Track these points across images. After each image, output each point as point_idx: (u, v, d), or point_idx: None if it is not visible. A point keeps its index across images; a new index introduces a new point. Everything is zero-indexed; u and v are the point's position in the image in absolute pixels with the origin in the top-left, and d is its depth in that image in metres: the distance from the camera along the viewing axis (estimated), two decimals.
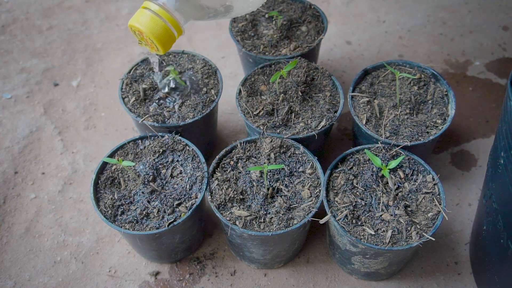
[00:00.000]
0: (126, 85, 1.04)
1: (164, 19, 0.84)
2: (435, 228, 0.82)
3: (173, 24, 0.85)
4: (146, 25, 0.84)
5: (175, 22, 0.85)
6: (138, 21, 0.84)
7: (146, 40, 0.87)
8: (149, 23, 0.84)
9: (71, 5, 1.54)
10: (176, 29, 0.86)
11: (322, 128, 0.95)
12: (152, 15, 0.84)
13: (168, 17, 0.84)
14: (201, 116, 0.98)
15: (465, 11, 1.48)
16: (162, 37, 0.85)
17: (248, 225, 0.84)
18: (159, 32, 0.84)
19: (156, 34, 0.84)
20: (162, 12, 0.84)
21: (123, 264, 1.00)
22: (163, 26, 0.84)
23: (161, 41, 0.85)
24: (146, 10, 0.85)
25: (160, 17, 0.84)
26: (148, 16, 0.84)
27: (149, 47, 0.89)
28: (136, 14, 0.86)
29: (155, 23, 0.84)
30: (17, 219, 1.07)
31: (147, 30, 0.84)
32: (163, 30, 0.85)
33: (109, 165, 0.93)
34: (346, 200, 0.85)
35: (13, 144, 1.19)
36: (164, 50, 0.87)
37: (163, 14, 0.84)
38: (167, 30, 0.85)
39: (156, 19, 0.84)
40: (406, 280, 0.97)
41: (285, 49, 1.10)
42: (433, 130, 0.95)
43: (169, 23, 0.85)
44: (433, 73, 1.02)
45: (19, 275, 0.99)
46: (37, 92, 1.31)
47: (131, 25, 0.86)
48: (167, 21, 0.85)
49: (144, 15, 0.84)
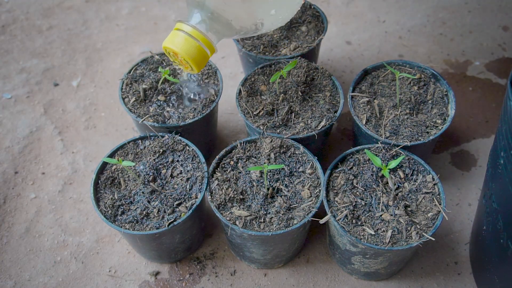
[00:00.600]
0: (126, 85, 1.04)
1: (198, 40, 0.86)
2: (435, 228, 0.82)
3: (206, 44, 0.87)
4: (181, 47, 0.85)
5: (208, 42, 0.87)
6: (173, 43, 0.86)
7: (181, 60, 0.88)
8: (184, 44, 0.85)
9: (71, 5, 1.54)
10: (209, 48, 0.88)
11: (322, 128, 0.95)
12: (186, 37, 0.85)
13: (202, 37, 0.86)
14: (201, 116, 0.98)
15: (465, 11, 1.48)
16: (197, 58, 0.87)
17: (248, 225, 0.84)
18: (194, 53, 0.86)
19: (191, 55, 0.86)
20: (195, 33, 0.86)
21: (123, 264, 1.00)
22: (197, 47, 0.86)
23: (196, 61, 0.87)
24: (180, 32, 0.86)
25: (194, 38, 0.85)
26: (182, 38, 0.85)
27: (183, 66, 0.91)
28: (170, 35, 0.87)
29: (190, 44, 0.86)
30: (17, 219, 1.07)
31: (182, 52, 0.85)
32: (197, 51, 0.86)
33: (109, 165, 0.93)
34: (346, 200, 0.85)
35: (13, 144, 1.19)
36: (199, 70, 0.89)
37: (197, 35, 0.86)
38: (201, 51, 0.87)
39: (190, 40, 0.85)
40: (406, 280, 0.97)
41: (285, 49, 1.10)
42: (433, 130, 0.95)
43: (203, 43, 0.86)
44: (433, 73, 1.02)
45: (19, 275, 0.99)
46: (37, 92, 1.31)
47: (166, 47, 0.87)
48: (200, 41, 0.86)
49: (179, 36, 0.86)
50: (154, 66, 1.07)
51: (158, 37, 1.45)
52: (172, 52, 0.88)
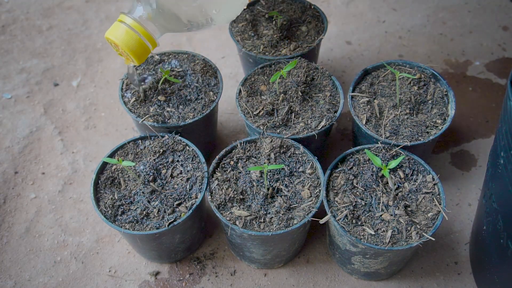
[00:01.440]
0: (126, 85, 1.04)
1: (139, 32, 0.87)
2: (435, 228, 0.82)
3: (147, 38, 0.88)
4: (121, 39, 0.87)
5: (149, 36, 0.88)
6: (114, 35, 0.87)
7: (122, 52, 0.90)
8: (124, 36, 0.87)
9: (71, 5, 1.54)
10: (150, 42, 0.89)
11: (322, 128, 0.95)
12: (127, 29, 0.87)
13: (142, 30, 0.87)
14: (201, 116, 0.98)
15: (465, 11, 1.48)
16: (137, 50, 0.88)
17: (248, 225, 0.84)
18: (134, 45, 0.87)
19: (130, 47, 0.87)
20: (137, 26, 0.87)
21: (123, 264, 1.00)
22: (137, 40, 0.87)
23: (135, 54, 0.88)
24: (122, 24, 0.88)
25: (135, 31, 0.87)
26: (123, 30, 0.87)
27: (125, 58, 0.92)
28: (112, 27, 0.89)
29: (130, 37, 0.87)
30: (17, 219, 1.07)
31: (122, 43, 0.87)
32: (137, 44, 0.88)
33: (109, 165, 0.93)
34: (346, 200, 0.85)
35: (13, 144, 1.19)
36: (139, 62, 0.90)
37: (138, 28, 0.87)
38: (141, 44, 0.88)
39: (131, 33, 0.87)
40: (406, 280, 0.97)
41: (285, 49, 1.10)
42: (433, 130, 0.95)
43: (143, 36, 0.88)
44: (433, 73, 1.02)
45: (19, 275, 0.99)
46: (37, 92, 1.31)
47: (107, 38, 0.89)
48: (141, 34, 0.87)
49: (120, 28, 0.87)
50: (154, 66, 1.07)
51: None
52: (113, 44, 0.89)
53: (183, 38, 1.44)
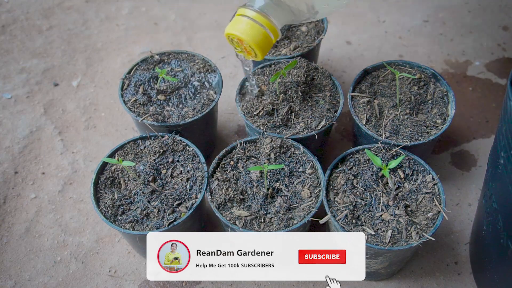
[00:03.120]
0: (126, 85, 1.04)
1: (263, 24, 0.83)
2: (435, 228, 0.82)
3: (271, 29, 0.84)
4: (246, 33, 0.82)
5: (273, 27, 0.84)
6: (237, 29, 0.83)
7: (245, 47, 0.86)
8: (249, 30, 0.82)
9: (71, 5, 1.54)
10: (273, 33, 0.85)
11: (322, 128, 0.95)
12: (251, 22, 0.82)
13: (266, 22, 0.83)
14: (200, 115, 0.98)
15: (465, 11, 1.48)
16: (262, 43, 0.84)
17: (248, 225, 0.84)
18: (259, 38, 0.83)
19: (256, 40, 0.83)
20: (260, 17, 0.83)
21: (123, 264, 1.00)
22: (262, 32, 0.83)
23: (261, 47, 0.84)
24: (243, 17, 0.83)
25: (258, 23, 0.83)
26: (246, 23, 0.82)
27: (245, 53, 0.88)
28: (234, 22, 0.84)
29: (255, 29, 0.83)
30: (17, 219, 1.07)
31: (248, 37, 0.82)
32: (263, 37, 0.83)
33: (109, 165, 0.93)
34: (346, 200, 0.85)
35: (13, 144, 1.19)
36: (263, 56, 0.86)
37: (261, 20, 0.83)
38: (266, 36, 0.84)
39: (255, 25, 0.82)
40: (406, 280, 0.97)
41: (285, 49, 1.10)
42: (433, 130, 0.95)
43: (267, 28, 0.83)
44: (433, 73, 1.02)
45: (19, 275, 0.99)
46: (37, 92, 1.31)
47: (229, 34, 0.84)
48: (265, 26, 0.83)
49: (242, 22, 0.83)
50: (154, 66, 1.07)
51: (158, 37, 1.45)
52: (236, 39, 0.84)
53: (183, 38, 1.44)
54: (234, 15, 0.87)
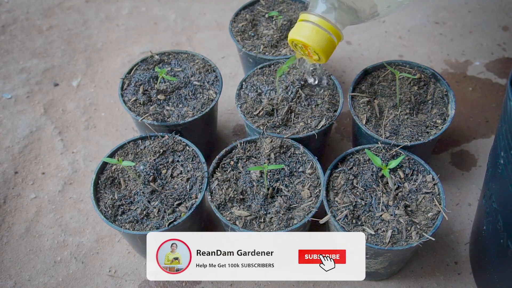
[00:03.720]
0: (126, 84, 1.04)
1: (326, 29, 0.84)
2: (435, 228, 0.82)
3: (335, 33, 0.85)
4: (311, 39, 0.83)
5: (336, 31, 0.85)
6: (302, 35, 0.84)
7: (309, 52, 0.86)
8: (314, 36, 0.83)
9: (71, 5, 1.54)
10: (337, 37, 0.85)
11: (322, 127, 0.95)
12: (315, 27, 0.83)
13: (330, 26, 0.84)
14: (200, 114, 0.98)
15: (465, 11, 1.48)
16: (327, 48, 0.85)
17: (248, 225, 0.84)
18: (323, 43, 0.84)
19: (321, 45, 0.84)
20: (323, 22, 0.83)
21: (123, 264, 1.00)
22: (327, 37, 0.84)
23: (325, 52, 0.85)
24: (307, 23, 0.84)
25: (322, 28, 0.83)
26: (310, 29, 0.83)
27: (307, 57, 0.89)
28: (297, 27, 0.85)
29: (320, 35, 0.83)
30: (17, 219, 1.07)
31: (313, 43, 0.83)
32: (327, 41, 0.84)
33: (109, 165, 0.93)
34: (346, 200, 0.85)
35: (13, 144, 1.19)
36: (327, 60, 0.87)
37: (324, 25, 0.83)
38: (331, 41, 0.85)
39: (319, 30, 0.83)
40: (406, 280, 0.97)
41: (285, 49, 1.10)
42: (433, 130, 0.95)
43: (331, 32, 0.84)
44: (433, 73, 1.02)
45: (19, 275, 0.99)
46: (37, 92, 1.31)
47: (294, 39, 0.85)
48: (329, 30, 0.84)
49: (306, 28, 0.84)
50: (154, 66, 1.07)
51: (158, 37, 1.45)
52: (301, 44, 0.85)
53: (183, 38, 1.44)
54: (297, 20, 0.87)
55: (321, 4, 0.85)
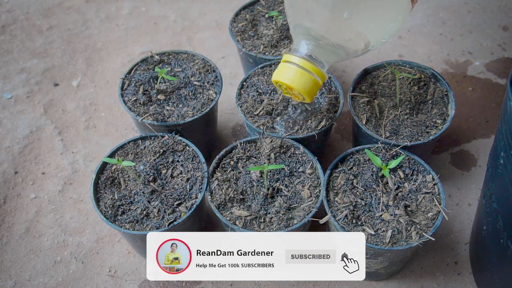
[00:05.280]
0: (126, 85, 1.04)
1: (310, 71, 0.83)
2: (435, 228, 0.82)
3: (318, 74, 0.84)
4: (295, 81, 0.83)
5: (320, 72, 0.84)
6: (286, 78, 0.84)
7: (293, 93, 0.86)
8: (298, 78, 0.83)
9: (71, 5, 1.54)
10: (321, 78, 0.85)
11: (322, 128, 0.95)
12: (299, 70, 0.83)
13: (313, 68, 0.83)
14: (200, 114, 0.98)
15: (465, 11, 1.48)
16: (311, 89, 0.85)
17: (248, 225, 0.84)
18: (308, 85, 0.84)
19: (305, 87, 0.84)
20: (307, 64, 0.83)
21: (123, 264, 1.00)
22: (311, 79, 0.83)
23: (310, 93, 0.85)
24: (290, 64, 0.84)
25: (306, 70, 0.83)
26: (294, 71, 0.83)
27: (293, 96, 0.89)
28: (280, 68, 0.85)
29: (304, 77, 0.83)
30: (17, 219, 1.07)
31: (297, 85, 0.83)
32: (312, 83, 0.84)
33: (109, 165, 0.93)
34: (346, 200, 0.85)
35: (13, 144, 1.19)
36: (311, 100, 0.87)
37: (308, 66, 0.83)
38: (315, 82, 0.84)
39: (303, 73, 0.83)
40: (406, 280, 0.97)
41: (285, 49, 1.10)
42: (433, 130, 0.95)
43: (315, 74, 0.84)
44: (433, 73, 1.02)
45: (19, 275, 0.99)
46: (37, 92, 1.31)
47: (278, 81, 0.85)
48: (313, 72, 0.83)
49: (290, 69, 0.83)
50: (154, 66, 1.07)
51: (158, 37, 1.45)
52: (284, 86, 0.86)
53: (183, 38, 1.44)
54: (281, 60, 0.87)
55: (303, 44, 0.84)
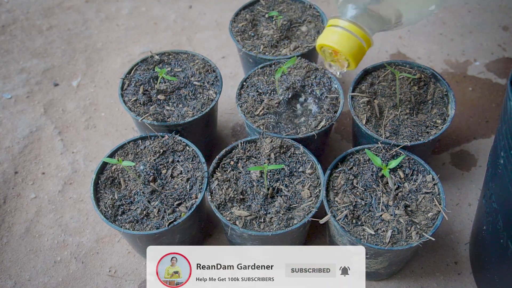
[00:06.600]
0: (126, 84, 1.04)
1: (357, 35, 0.82)
2: (435, 228, 0.82)
3: (365, 39, 0.83)
4: (341, 44, 0.81)
5: (366, 36, 0.83)
6: (332, 40, 0.82)
7: (338, 57, 0.85)
8: (345, 41, 0.81)
9: (71, 5, 1.54)
10: (367, 43, 0.84)
11: (322, 128, 0.95)
12: (345, 33, 0.81)
13: (360, 32, 0.82)
14: (200, 114, 0.98)
15: (465, 11, 1.48)
16: (357, 54, 0.83)
17: (248, 225, 0.84)
18: (354, 49, 0.82)
19: (351, 51, 0.82)
20: (353, 27, 0.82)
21: (123, 264, 1.00)
22: (357, 43, 0.82)
23: (355, 57, 0.83)
24: (336, 28, 0.82)
25: (353, 33, 0.82)
26: (340, 34, 0.82)
27: (337, 63, 0.87)
28: (326, 32, 0.83)
29: (350, 40, 0.82)
30: (17, 219, 1.07)
31: (343, 48, 0.82)
32: (358, 47, 0.82)
33: (109, 165, 0.93)
34: (346, 200, 0.85)
35: (13, 144, 1.19)
36: (356, 65, 0.85)
37: (355, 30, 0.82)
38: (361, 47, 0.83)
39: (350, 36, 0.82)
40: (406, 280, 0.97)
41: (285, 49, 1.10)
42: (433, 130, 0.95)
43: (361, 38, 0.82)
44: (433, 73, 1.02)
45: (19, 275, 0.99)
46: (37, 92, 1.31)
47: (323, 44, 0.83)
48: (359, 36, 0.82)
49: (336, 33, 0.82)
50: (154, 66, 1.07)
51: (158, 37, 1.45)
52: (330, 50, 0.83)
53: (183, 38, 1.44)
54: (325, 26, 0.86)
55: (351, 9, 0.83)
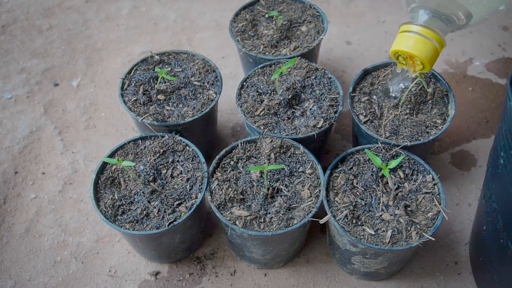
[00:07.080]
0: (126, 85, 1.04)
1: (431, 38, 0.84)
2: (435, 228, 0.82)
3: (438, 41, 0.85)
4: (418, 48, 0.83)
5: (440, 39, 0.85)
6: (408, 46, 0.84)
7: (413, 62, 0.86)
8: (421, 46, 0.83)
9: (71, 5, 1.54)
10: (440, 45, 0.85)
11: (322, 128, 0.95)
12: (421, 38, 0.83)
13: (433, 35, 0.84)
14: (200, 114, 0.98)
15: None
16: (432, 57, 0.85)
17: (248, 225, 0.84)
18: (430, 53, 0.84)
19: (427, 55, 0.84)
20: (427, 31, 0.83)
21: (123, 264, 1.00)
22: (432, 47, 0.84)
23: (430, 60, 0.85)
24: (410, 34, 0.84)
25: (427, 37, 0.83)
26: (416, 40, 0.83)
27: (410, 67, 0.89)
28: (400, 38, 0.85)
29: (426, 45, 0.83)
30: (17, 219, 1.07)
31: (420, 53, 0.83)
32: (433, 51, 0.84)
33: (109, 165, 0.93)
34: (346, 200, 0.85)
35: (13, 144, 1.19)
36: (431, 68, 0.87)
37: (429, 34, 0.83)
38: (435, 49, 0.85)
39: (426, 41, 0.83)
40: (406, 280, 0.97)
41: (285, 49, 1.10)
42: (433, 130, 0.95)
43: (435, 41, 0.84)
44: (433, 73, 1.02)
45: (19, 275, 0.99)
46: (37, 92, 1.31)
47: (400, 51, 0.85)
48: (433, 39, 0.84)
49: (411, 38, 0.84)
50: (154, 66, 1.07)
51: (158, 37, 1.45)
52: (406, 55, 0.86)
53: (183, 38, 1.44)
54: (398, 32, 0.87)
55: (423, 14, 0.85)
